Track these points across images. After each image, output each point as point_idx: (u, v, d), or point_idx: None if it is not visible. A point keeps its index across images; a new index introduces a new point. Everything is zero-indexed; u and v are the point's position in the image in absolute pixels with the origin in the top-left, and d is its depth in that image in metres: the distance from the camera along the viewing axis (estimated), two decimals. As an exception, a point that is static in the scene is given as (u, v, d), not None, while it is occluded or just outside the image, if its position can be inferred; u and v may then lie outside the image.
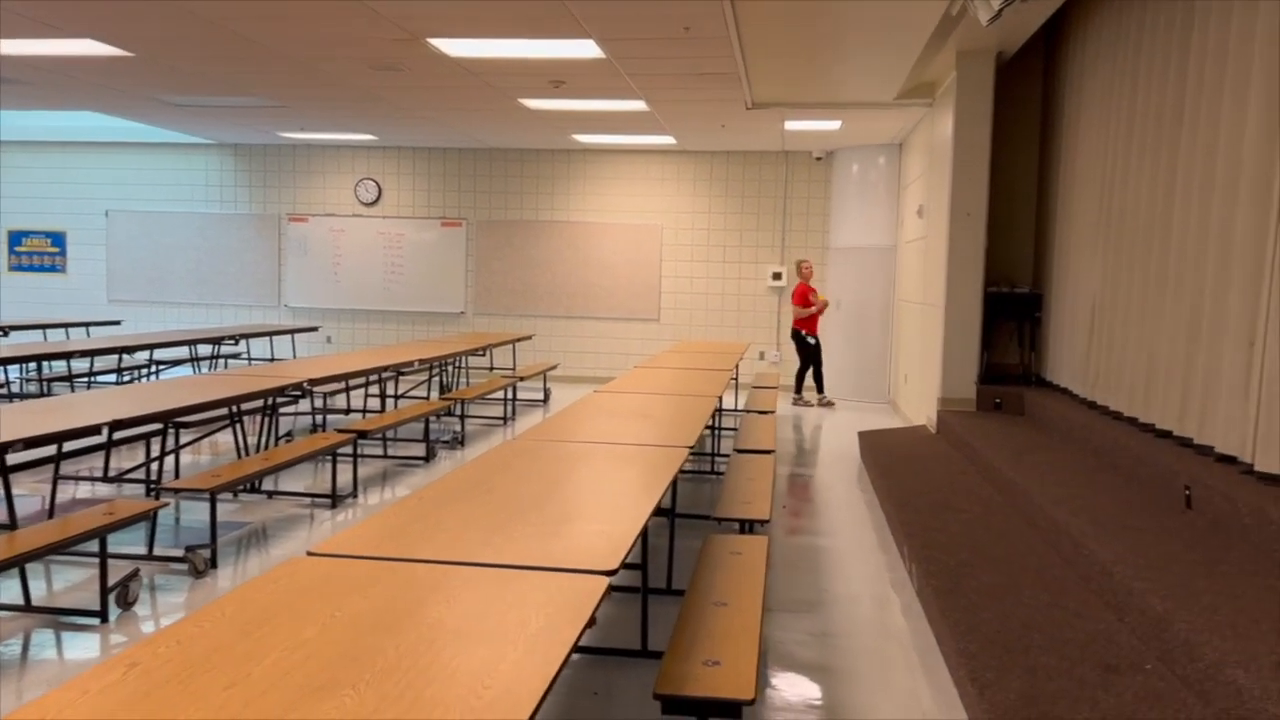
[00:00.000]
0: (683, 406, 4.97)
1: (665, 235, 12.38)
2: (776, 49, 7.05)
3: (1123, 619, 3.51)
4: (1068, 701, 2.84)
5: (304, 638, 1.81)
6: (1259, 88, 4.33)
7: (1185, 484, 4.44)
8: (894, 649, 3.83)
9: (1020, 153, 8.48)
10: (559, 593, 2.07)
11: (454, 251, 12.81)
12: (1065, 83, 7.72)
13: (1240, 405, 4.42)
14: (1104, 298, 6.43)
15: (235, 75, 8.25)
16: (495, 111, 9.72)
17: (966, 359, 7.81)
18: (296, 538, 5.21)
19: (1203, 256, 4.89)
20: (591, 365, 12.62)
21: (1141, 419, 5.60)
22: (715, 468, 7.39)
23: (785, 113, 9.30)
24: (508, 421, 9.37)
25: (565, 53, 7.03)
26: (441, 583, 2.12)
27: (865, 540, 5.44)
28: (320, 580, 2.13)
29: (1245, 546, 3.84)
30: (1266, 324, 4.20)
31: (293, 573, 2.18)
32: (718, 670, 2.45)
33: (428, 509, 2.73)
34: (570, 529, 2.56)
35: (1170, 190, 5.36)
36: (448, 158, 12.79)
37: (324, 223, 13.05)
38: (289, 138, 12.28)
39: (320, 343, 13.22)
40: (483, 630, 1.85)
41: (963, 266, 7.77)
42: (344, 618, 1.91)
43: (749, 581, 3.18)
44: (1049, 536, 4.55)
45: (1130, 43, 6.09)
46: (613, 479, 3.19)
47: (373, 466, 7.11)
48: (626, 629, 3.99)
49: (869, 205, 11.38)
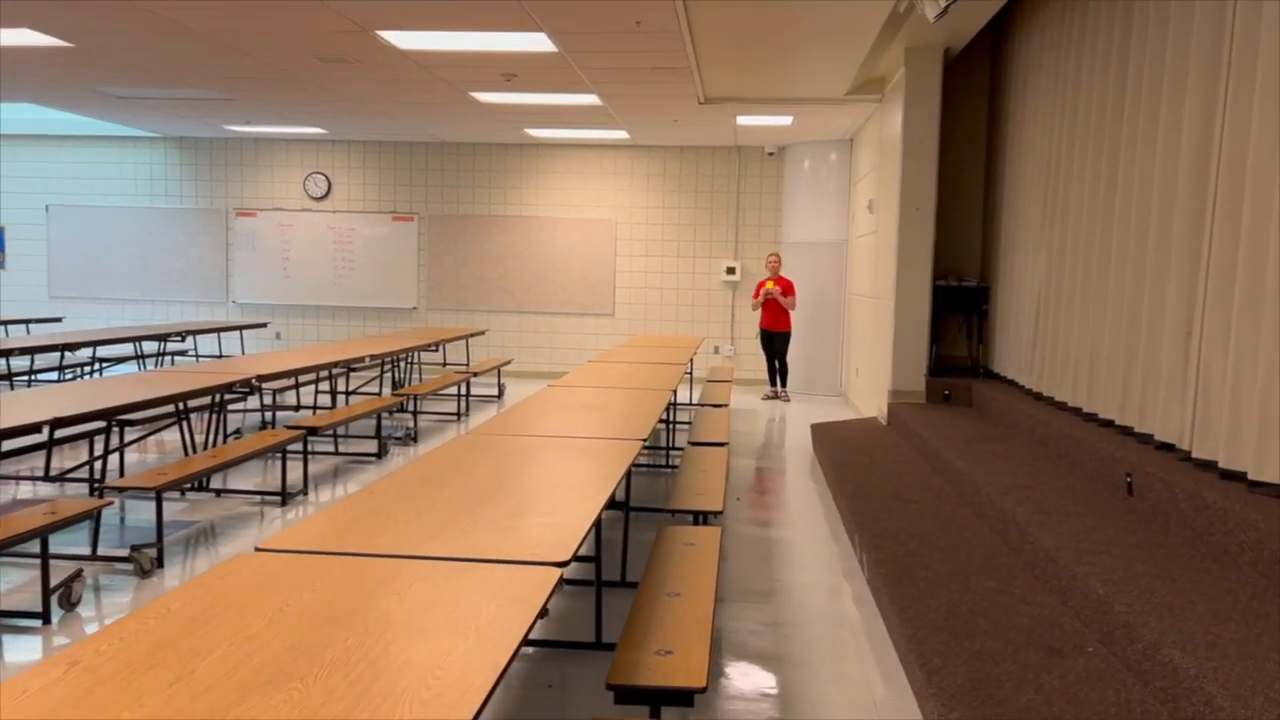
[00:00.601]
0: (637, 400, 4.99)
1: (619, 230, 12.38)
2: (728, 44, 7.08)
3: (1066, 603, 3.59)
4: (1013, 684, 2.90)
5: (251, 632, 1.79)
6: (1195, 85, 4.44)
7: (1126, 472, 4.55)
8: (845, 637, 3.88)
9: (967, 147, 8.61)
10: (510, 585, 2.07)
11: (406, 246, 12.69)
12: (1010, 78, 7.85)
13: (1178, 394, 4.54)
14: (1048, 290, 6.56)
15: (179, 67, 8.10)
16: (447, 105, 9.64)
17: (916, 352, 7.92)
18: (246, 535, 5.14)
19: (1142, 249, 5.01)
20: (546, 360, 12.60)
21: (1085, 409, 5.72)
22: (670, 461, 7.42)
23: (737, 108, 9.34)
24: (461, 417, 9.32)
25: (517, 46, 7.00)
26: (391, 577, 2.11)
27: (817, 530, 5.49)
28: (268, 575, 2.11)
29: (1183, 531, 3.95)
30: (1203, 315, 4.32)
31: (240, 568, 2.15)
32: (670, 659, 2.46)
33: (378, 503, 2.71)
34: (522, 522, 2.56)
35: (1111, 184, 5.48)
36: (399, 151, 12.67)
37: (272, 217, 12.86)
38: (236, 131, 12.08)
39: (270, 339, 13.03)
40: (432, 623, 1.85)
41: (912, 260, 7.87)
42: (292, 612, 1.90)
43: (702, 572, 3.20)
44: (996, 525, 4.64)
45: (1073, 39, 6.21)
46: (566, 472, 3.19)
47: (324, 463, 7.03)
48: (581, 622, 3.99)
49: (820, 200, 11.48)
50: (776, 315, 10.64)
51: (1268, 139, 3.83)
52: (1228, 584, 3.29)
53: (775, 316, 10.65)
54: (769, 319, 10.68)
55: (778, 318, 10.65)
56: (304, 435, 6.01)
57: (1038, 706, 2.74)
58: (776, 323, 10.68)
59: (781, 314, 10.64)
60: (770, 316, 10.66)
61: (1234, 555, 3.56)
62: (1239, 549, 3.52)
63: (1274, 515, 3.42)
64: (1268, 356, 3.72)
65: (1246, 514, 3.49)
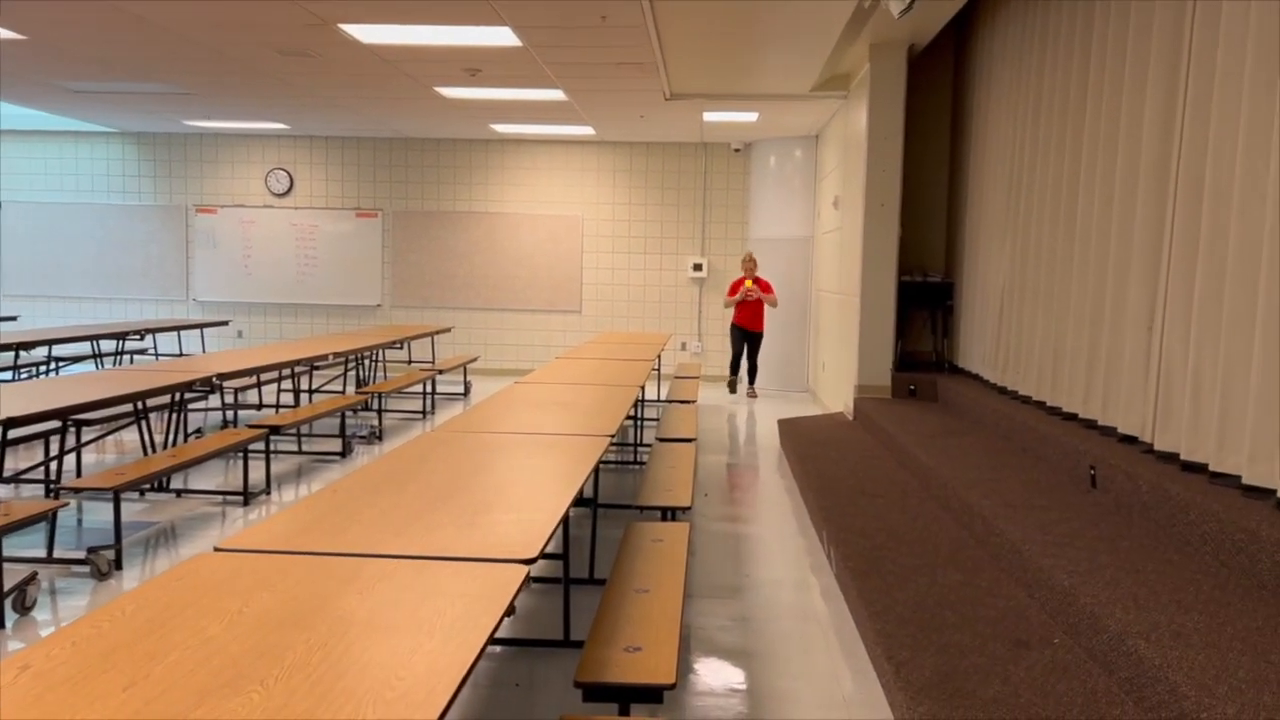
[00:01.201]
0: (604, 396, 4.96)
1: (586, 226, 12.33)
2: (694, 39, 7.06)
3: (1032, 595, 3.61)
4: (980, 676, 2.91)
5: (209, 635, 1.74)
6: (1155, 81, 4.49)
7: (1090, 464, 4.59)
8: (814, 631, 3.88)
9: (932, 144, 8.67)
10: (476, 583, 2.04)
11: (370, 243, 12.56)
12: (974, 75, 7.91)
13: (1140, 388, 4.59)
14: (1012, 285, 6.61)
15: (136, 60, 7.94)
16: (410, 100, 9.55)
17: (882, 347, 7.96)
18: (207, 536, 5.06)
19: (1104, 244, 5.06)
20: (513, 357, 12.53)
21: (1049, 402, 5.78)
22: (638, 457, 7.40)
23: (703, 104, 9.33)
24: (427, 415, 9.24)
25: (481, 40, 6.94)
26: (354, 576, 2.07)
27: (785, 525, 5.50)
28: (227, 576, 2.06)
29: (1146, 523, 3.99)
30: (1165, 309, 4.36)
31: (198, 569, 2.10)
32: (638, 656, 2.44)
33: (341, 502, 2.67)
34: (489, 519, 2.52)
35: (1074, 180, 5.53)
36: (362, 147, 12.53)
37: (233, 214, 12.68)
38: (195, 126, 11.89)
39: (231, 337, 12.85)
40: (396, 622, 1.81)
41: (877, 256, 7.91)
42: (252, 613, 1.85)
43: (670, 568, 3.18)
44: (962, 518, 4.66)
45: (1036, 36, 6.26)
46: (533, 469, 3.16)
47: (287, 463, 6.94)
48: (549, 619, 3.96)
49: (786, 197, 11.51)
50: (754, 313, 10.54)
51: (1227, 134, 3.88)
52: (1190, 574, 3.32)
53: (752, 314, 10.55)
54: (745, 317, 10.57)
55: (754, 316, 10.55)
56: (266, 434, 5.93)
57: (1005, 699, 2.75)
58: (753, 321, 10.58)
59: (758, 313, 10.54)
60: (747, 314, 10.55)
61: (1196, 546, 3.60)
62: (1201, 540, 3.56)
63: (1235, 506, 3.46)
64: (1228, 350, 3.76)
65: (1208, 505, 3.53)
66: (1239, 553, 3.32)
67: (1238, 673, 2.51)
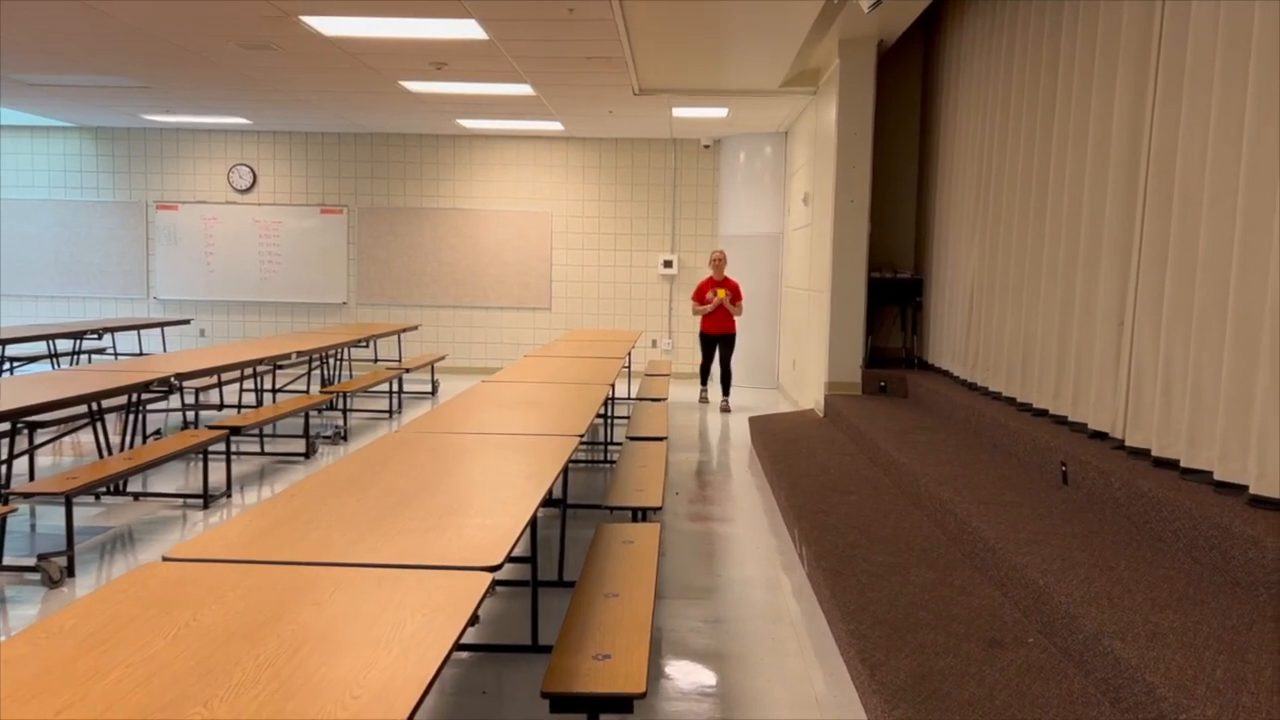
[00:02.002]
0: (574, 395, 4.88)
1: (555, 223, 12.23)
2: (663, 33, 6.99)
3: (1006, 594, 3.58)
4: (956, 678, 2.87)
5: (152, 651, 1.65)
6: (1125, 76, 4.47)
7: (1062, 460, 4.57)
8: (786, 632, 3.82)
9: (900, 140, 8.65)
10: (438, 592, 1.96)
11: (335, 240, 12.38)
12: (943, 71, 7.90)
13: (1110, 384, 4.58)
14: (981, 282, 6.61)
15: (92, 53, 7.74)
16: (375, 94, 9.40)
17: (852, 344, 7.94)
18: (165, 541, 4.92)
19: (1074, 240, 5.05)
20: (481, 355, 12.40)
21: (1019, 399, 5.77)
22: (608, 456, 7.32)
23: (673, 99, 9.26)
24: (393, 415, 9.11)
25: (446, 33, 6.82)
26: (310, 586, 1.98)
27: (757, 524, 5.45)
28: (175, 587, 1.97)
29: (1118, 519, 3.97)
30: (1135, 305, 4.35)
31: (145, 580, 2.00)
32: (608, 664, 2.37)
33: (299, 507, 2.57)
34: (453, 523, 2.44)
35: (1044, 176, 5.52)
36: (326, 142, 12.35)
37: (195, 210, 12.44)
38: (155, 120, 11.65)
39: (193, 336, 12.62)
40: (353, 636, 1.73)
41: (847, 253, 7.88)
42: (199, 627, 1.76)
43: (641, 571, 3.11)
44: (935, 515, 4.63)
45: (1004, 32, 6.25)
46: (500, 470, 3.08)
47: (249, 464, 6.79)
48: (516, 624, 3.88)
49: (756, 193, 11.47)
50: (722, 318, 9.81)
51: (1197, 130, 3.86)
52: (1164, 571, 3.30)
53: (720, 319, 9.82)
54: (713, 322, 9.82)
55: (723, 320, 9.82)
56: (227, 435, 5.79)
57: (981, 701, 2.71)
58: (721, 325, 9.85)
59: (727, 315, 9.83)
60: (715, 319, 9.81)
61: (1169, 542, 3.58)
62: (1174, 536, 3.54)
63: (1207, 502, 3.44)
64: (1199, 345, 3.75)
65: (1180, 501, 3.51)
66: (1211, 549, 3.30)
67: (1215, 673, 2.48)
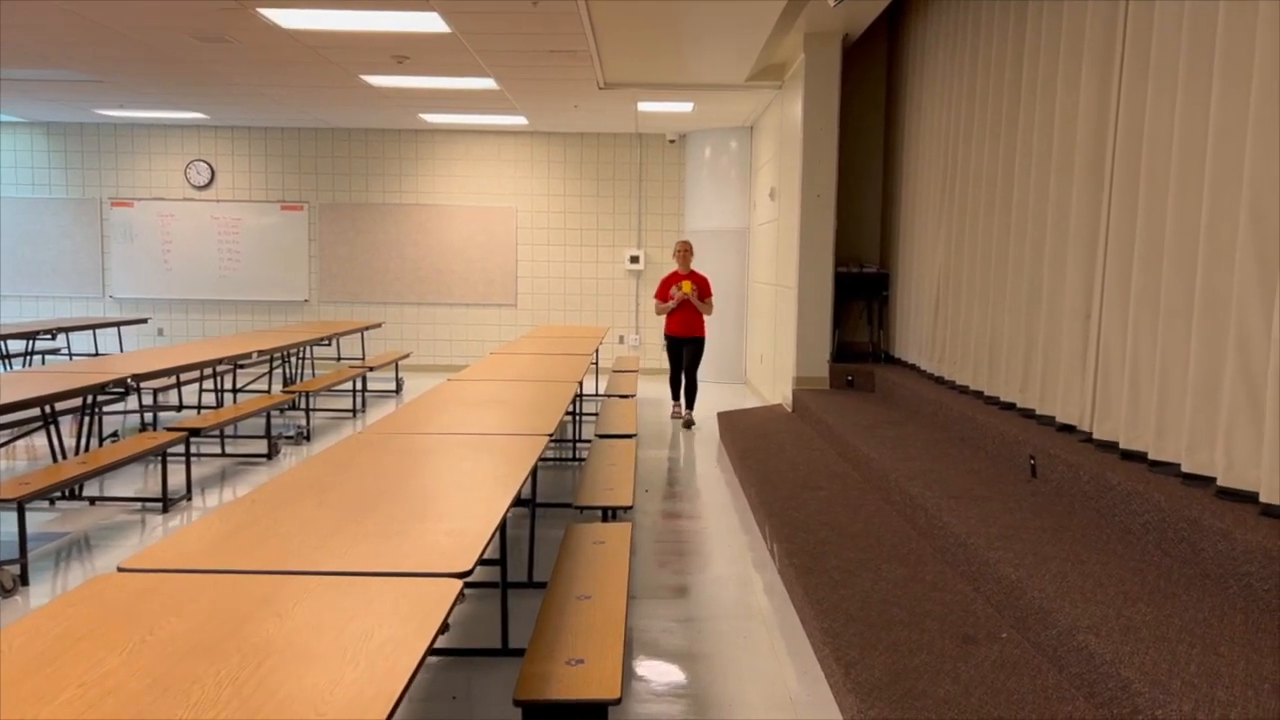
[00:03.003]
0: (542, 393, 4.82)
1: (520, 218, 12.13)
2: (628, 26, 6.93)
3: (978, 589, 3.57)
4: (931, 675, 2.85)
5: (107, 669, 1.58)
6: (1090, 70, 4.48)
7: (1030, 454, 4.59)
8: (759, 631, 3.80)
9: (866, 134, 8.66)
10: (406, 600, 1.90)
11: (296, 236, 12.19)
12: (908, 65, 7.91)
13: (1078, 377, 4.60)
14: (948, 276, 6.62)
15: (42, 46, 7.54)
16: (335, 89, 9.25)
17: (819, 338, 7.94)
18: (124, 546, 4.80)
19: (1040, 234, 5.06)
20: (446, 353, 12.28)
21: (986, 392, 5.79)
22: (577, 454, 7.26)
23: (638, 94, 9.21)
24: (357, 414, 8.98)
25: (408, 26, 6.71)
26: (272, 596, 1.91)
27: (727, 521, 5.42)
28: (131, 599, 1.89)
29: (1088, 512, 3.98)
30: (1102, 298, 4.37)
31: (98, 592, 1.92)
32: (581, 669, 2.32)
33: (260, 513, 2.49)
34: (420, 528, 2.38)
35: (1009, 170, 5.54)
36: (286, 138, 12.15)
37: (151, 207, 12.20)
38: (109, 116, 11.39)
39: (151, 335, 12.38)
40: (318, 648, 1.66)
41: (814, 247, 7.87)
42: (156, 642, 1.69)
43: (612, 572, 3.06)
44: (904, 510, 4.63)
45: (969, 25, 6.26)
46: (468, 472, 3.01)
47: (210, 466, 6.66)
48: (486, 627, 3.82)
49: (722, 188, 11.45)
50: (688, 318, 8.53)
51: (1162, 121, 3.88)
52: (1135, 564, 3.31)
53: (687, 319, 8.53)
54: (678, 323, 8.54)
55: (690, 321, 8.53)
56: (186, 437, 5.66)
57: (957, 698, 2.69)
58: (688, 327, 8.52)
59: (695, 316, 8.55)
60: (680, 320, 8.54)
61: (1139, 535, 3.60)
62: (1143, 529, 3.56)
63: (1175, 495, 3.46)
64: (1166, 338, 3.76)
65: (1149, 494, 3.53)
66: (1181, 542, 3.32)
67: (1189, 666, 2.48)
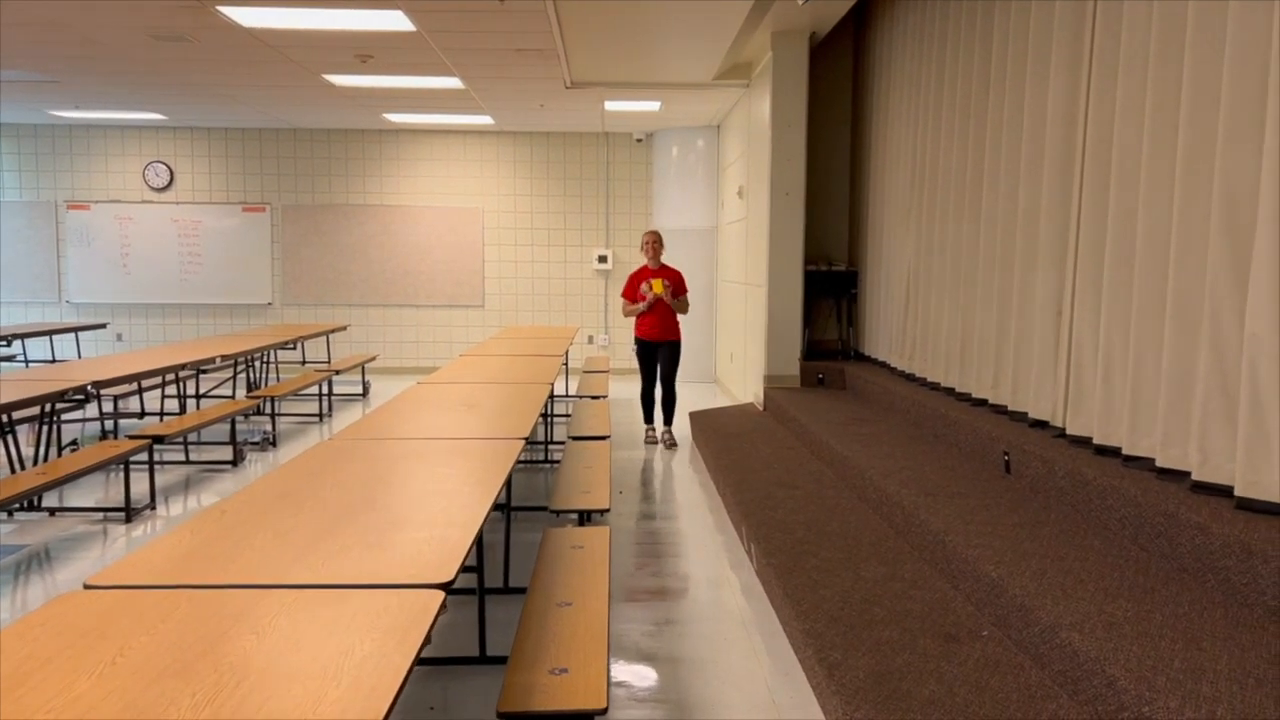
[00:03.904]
0: (514, 395, 4.76)
1: (487, 218, 12.03)
2: (594, 25, 6.88)
3: (957, 587, 3.57)
4: (914, 675, 2.84)
5: (76, 693, 1.51)
6: (1059, 66, 4.50)
7: (1004, 450, 4.60)
8: (739, 633, 3.77)
9: (833, 132, 8.68)
10: (387, 613, 1.84)
11: (258, 238, 12.01)
12: (875, 63, 7.93)
13: (1050, 373, 4.62)
14: (918, 273, 6.64)
15: (-7, 44, 7.35)
16: (298, 88, 9.11)
17: (790, 336, 7.94)
18: (85, 559, 4.68)
19: (1011, 230, 5.08)
20: (413, 355, 12.15)
21: (958, 389, 5.80)
22: (549, 456, 7.20)
23: (605, 93, 9.16)
24: (324, 418, 8.85)
25: (372, 24, 6.62)
26: (247, 611, 1.85)
27: (703, 521, 5.39)
28: (99, 618, 1.82)
29: (1063, 507, 4.00)
30: (1073, 294, 4.39)
31: (64, 612, 1.85)
32: (565, 679, 2.27)
33: (230, 524, 2.42)
34: (397, 538, 2.32)
35: (979, 167, 5.56)
36: (247, 138, 11.96)
37: (109, 210, 11.95)
38: (63, 117, 11.15)
39: (110, 341, 12.13)
40: (298, 666, 1.61)
41: (784, 246, 7.87)
42: (128, 663, 1.62)
43: (593, 577, 3.02)
44: (881, 508, 4.62)
45: (936, 23, 6.28)
46: (443, 478, 2.95)
47: (174, 474, 6.52)
48: (463, 634, 3.76)
49: (690, 187, 11.43)
50: (663, 318, 7.40)
51: (1132, 118, 3.90)
52: (1113, 560, 3.32)
53: (661, 320, 7.40)
54: (650, 324, 7.40)
55: (664, 321, 7.40)
56: (149, 444, 5.54)
57: (941, 698, 2.68)
58: (662, 328, 7.40)
59: (669, 316, 7.42)
60: (653, 321, 7.40)
61: (1115, 530, 3.61)
62: (1119, 524, 3.57)
63: (1151, 489, 3.48)
64: (1139, 333, 3.78)
65: (1125, 488, 3.54)
66: (1158, 536, 3.33)
67: (1173, 662, 2.48)
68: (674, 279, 7.46)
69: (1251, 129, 3.19)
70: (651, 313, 7.39)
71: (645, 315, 7.41)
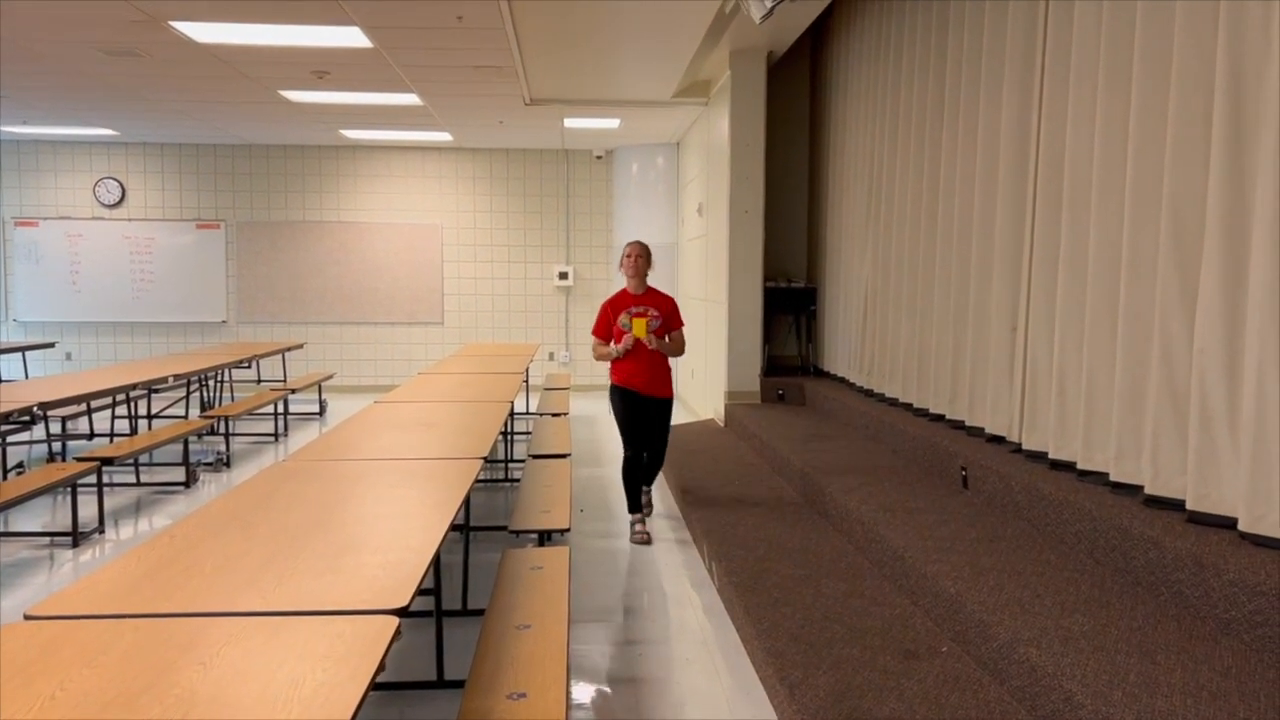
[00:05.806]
0: (473, 414, 4.72)
1: (446, 235, 11.96)
2: (553, 43, 6.89)
3: (916, 603, 3.58)
4: (875, 693, 2.84)
5: (12, 731, 1.46)
6: (1011, 85, 4.58)
7: (962, 465, 4.64)
8: (700, 653, 3.75)
9: (791, 150, 8.75)
10: (339, 641, 1.80)
11: (212, 256, 11.83)
12: (831, 80, 8.02)
13: (1006, 388, 4.67)
14: (875, 290, 6.70)
15: (-63, 58, 7.19)
16: (253, 104, 9.01)
17: (750, 353, 7.97)
18: (30, 585, 4.55)
19: (966, 247, 5.14)
20: (371, 373, 12.03)
21: (915, 404, 5.85)
22: (509, 474, 7.15)
23: (564, 110, 9.16)
24: (279, 438, 8.72)
25: (329, 41, 6.56)
26: (195, 641, 1.80)
27: (662, 538, 5.37)
28: (40, 651, 1.76)
29: (1020, 522, 4.03)
30: (1028, 310, 4.45)
31: (4, 643, 1.79)
32: (524, 704, 2.24)
33: (180, 548, 2.36)
34: (352, 562, 2.28)
35: (934, 183, 5.62)
36: (201, 154, 11.80)
37: (58, 227, 11.72)
38: (11, 132, 10.93)
39: (59, 360, 11.87)
40: (246, 698, 1.56)
41: (743, 263, 7.91)
42: (68, 698, 1.57)
43: (552, 599, 2.99)
44: (841, 525, 4.64)
45: (891, 42, 6.36)
46: (399, 500, 2.91)
47: (124, 496, 6.38)
48: (419, 658, 3.70)
49: (650, 204, 11.45)
50: (653, 365, 5.27)
51: (1083, 134, 3.97)
52: (1069, 574, 3.35)
53: (651, 367, 5.26)
54: (633, 370, 5.24)
55: (653, 369, 5.27)
56: (98, 467, 5.41)
57: (901, 716, 2.68)
58: (649, 377, 5.25)
59: (660, 363, 5.31)
60: (640, 367, 5.23)
61: (1071, 544, 3.65)
62: (1075, 538, 3.61)
63: (1105, 503, 3.52)
64: (1092, 348, 3.84)
65: (1080, 503, 3.58)
66: (1112, 550, 3.37)
67: (1129, 676, 2.50)
68: (664, 309, 5.39)
69: (1198, 148, 3.25)
70: (634, 357, 5.22)
71: (633, 359, 5.23)
